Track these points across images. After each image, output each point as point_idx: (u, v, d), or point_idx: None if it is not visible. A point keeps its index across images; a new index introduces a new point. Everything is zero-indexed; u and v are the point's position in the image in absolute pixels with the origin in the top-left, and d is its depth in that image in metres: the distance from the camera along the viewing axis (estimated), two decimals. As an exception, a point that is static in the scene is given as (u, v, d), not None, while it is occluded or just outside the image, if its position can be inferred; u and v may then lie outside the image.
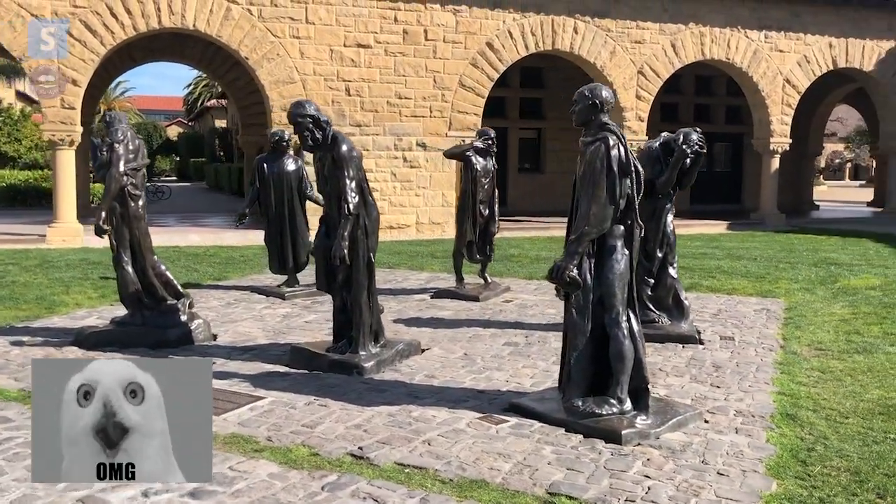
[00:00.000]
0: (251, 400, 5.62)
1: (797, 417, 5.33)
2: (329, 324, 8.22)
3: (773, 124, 21.01)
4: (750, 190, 26.83)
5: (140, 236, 7.23)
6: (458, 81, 17.95)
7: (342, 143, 6.25)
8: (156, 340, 7.17)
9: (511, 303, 9.54)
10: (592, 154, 5.04)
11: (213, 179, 40.11)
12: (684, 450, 4.72)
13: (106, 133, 7.22)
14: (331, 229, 6.57)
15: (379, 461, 4.51)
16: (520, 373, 6.43)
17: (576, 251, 5.02)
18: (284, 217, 9.91)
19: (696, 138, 7.33)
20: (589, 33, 18.87)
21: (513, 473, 4.35)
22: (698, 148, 7.29)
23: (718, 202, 26.41)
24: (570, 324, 5.18)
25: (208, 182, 43.17)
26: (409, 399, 5.66)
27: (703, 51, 20.02)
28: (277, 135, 9.86)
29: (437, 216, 18.00)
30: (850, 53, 21.57)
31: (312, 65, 16.85)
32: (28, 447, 4.61)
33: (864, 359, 6.86)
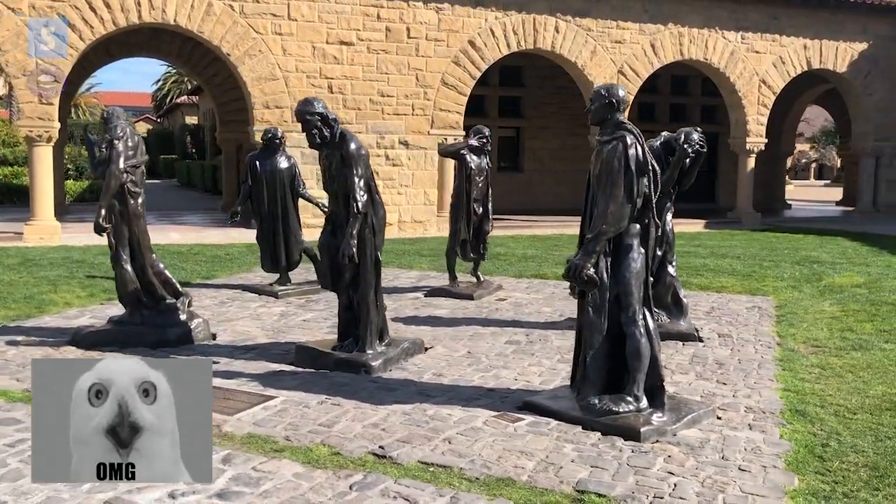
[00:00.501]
0: (263, 399, 5.57)
1: (806, 413, 5.41)
2: (326, 322, 8.23)
3: (750, 124, 21.27)
4: (725, 189, 27.16)
5: (139, 234, 7.13)
6: (440, 79, 17.94)
7: (350, 140, 6.22)
8: (155, 340, 7.08)
9: (505, 301, 9.56)
10: (610, 153, 5.07)
11: (185, 176, 39.61)
12: (703, 446, 4.77)
13: (104, 130, 7.11)
14: (337, 227, 6.54)
15: (402, 460, 4.50)
16: (527, 371, 6.45)
17: (593, 250, 5.05)
18: (277, 215, 9.82)
19: (698, 138, 7.40)
20: (570, 32, 18.96)
21: (538, 471, 4.37)
22: (699, 147, 7.37)
23: (694, 201, 26.60)
24: (585, 322, 5.20)
25: (180, 179, 42.64)
26: (422, 398, 5.65)
27: (682, 51, 20.21)
28: (271, 132, 9.77)
29: (420, 214, 17.98)
30: (824, 55, 21.90)
31: (295, 62, 16.73)
32: (43, 449, 4.54)
33: (861, 355, 6.98)
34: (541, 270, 11.86)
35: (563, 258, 12.92)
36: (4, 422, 5.04)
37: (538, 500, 4.02)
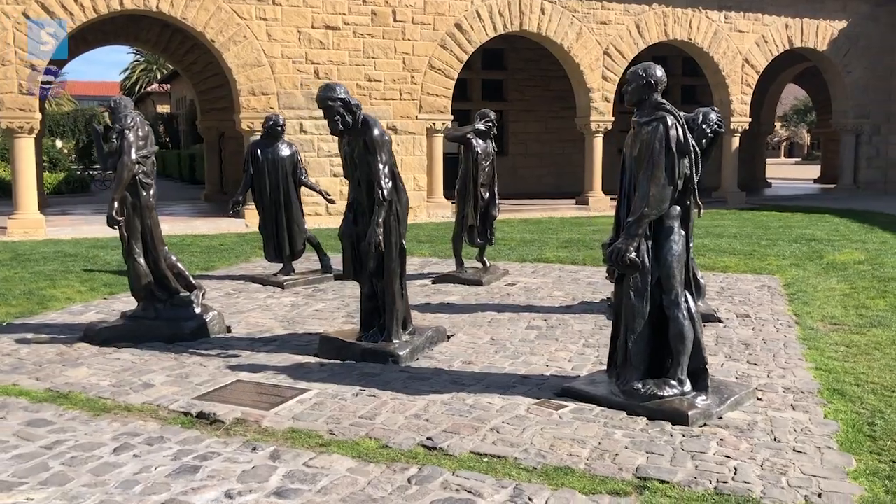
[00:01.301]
0: (296, 393, 5.45)
1: (845, 392, 5.40)
2: (340, 311, 8.12)
3: (734, 104, 21.35)
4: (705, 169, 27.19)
5: (152, 227, 6.94)
6: (427, 63, 17.76)
7: (374, 126, 6.08)
8: (171, 334, 6.92)
9: (515, 286, 9.49)
10: (650, 134, 4.99)
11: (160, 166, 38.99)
12: (752, 429, 4.74)
13: (112, 119, 6.90)
14: (358, 215, 6.41)
15: (454, 451, 4.42)
16: (556, 357, 6.38)
17: (635, 233, 4.98)
18: (280, 204, 9.66)
19: (716, 118, 7.34)
20: (556, 14, 18.85)
21: (594, 459, 4.31)
22: (717, 127, 7.31)
23: (676, 181, 26.76)
24: (627, 307, 5.13)
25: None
26: (456, 387, 5.57)
27: (667, 31, 20.20)
28: (272, 119, 9.58)
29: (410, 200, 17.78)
30: (805, 33, 22.02)
31: (280, 47, 16.46)
32: (83, 450, 4.41)
33: (882, 332, 7.01)
34: (543, 254, 11.80)
35: (563, 241, 12.91)
36: (35, 423, 4.88)
37: (602, 488, 3.96)
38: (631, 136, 5.25)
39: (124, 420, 4.96)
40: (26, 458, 4.32)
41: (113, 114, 6.92)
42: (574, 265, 11.00)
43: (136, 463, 4.27)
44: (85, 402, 5.31)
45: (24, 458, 4.33)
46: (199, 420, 4.98)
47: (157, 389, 5.56)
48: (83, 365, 6.19)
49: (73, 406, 5.22)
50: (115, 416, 5.04)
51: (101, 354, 6.50)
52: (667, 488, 3.96)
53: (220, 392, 5.49)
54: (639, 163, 5.09)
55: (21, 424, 4.86)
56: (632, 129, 5.26)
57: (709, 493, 3.89)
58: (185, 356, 6.43)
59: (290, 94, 16.58)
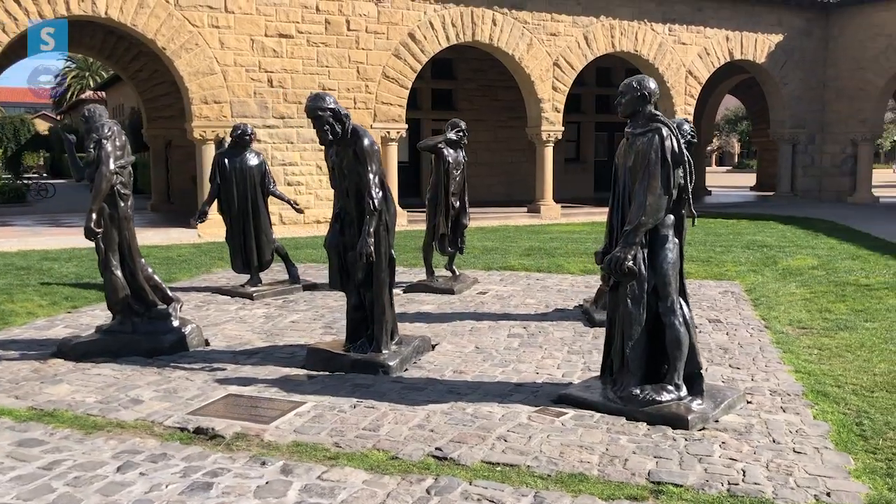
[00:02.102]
0: (292, 405, 5.39)
1: (828, 394, 5.59)
2: (317, 323, 8.06)
3: (678, 114, 21.86)
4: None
5: (129, 238, 6.78)
6: (381, 73, 17.76)
7: (364, 136, 6.07)
8: (150, 348, 6.76)
9: (486, 294, 9.55)
10: (646, 145, 5.10)
11: (97, 176, 37.97)
12: (749, 431, 4.87)
13: (87, 128, 6.73)
14: (345, 226, 6.38)
15: (464, 461, 4.43)
16: (544, 364, 6.45)
17: (633, 241, 5.08)
18: (248, 214, 9.53)
19: (689, 129, 7.50)
20: (507, 25, 19.06)
21: (605, 465, 4.37)
22: (690, 138, 7.48)
23: (620, 190, 27.29)
24: (625, 314, 5.23)
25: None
26: (453, 396, 5.58)
27: (614, 43, 20.61)
28: (240, 128, 9.45)
29: (364, 209, 17.74)
30: (745, 46, 22.73)
31: (233, 55, 16.25)
32: (85, 469, 4.29)
33: (849, 335, 7.27)
34: (508, 262, 11.90)
35: (524, 249, 13.04)
36: (26, 443, 4.71)
37: (620, 493, 4.03)
38: (624, 147, 5.36)
39: (120, 437, 4.83)
40: (27, 480, 4.18)
41: (87, 123, 6.75)
42: (540, 272, 11.12)
43: (145, 481, 4.16)
44: (73, 419, 5.16)
45: (24, 480, 4.18)
46: (196, 436, 4.88)
47: (147, 405, 5.43)
48: (63, 381, 6.00)
49: (61, 424, 5.06)
50: (108, 433, 4.91)
51: (80, 370, 6.32)
52: (681, 492, 4.04)
53: (214, 406, 5.39)
54: (634, 173, 5.20)
55: (12, 445, 4.69)
56: (625, 139, 5.37)
57: (723, 496, 3.99)
58: (169, 370, 6.29)
59: (243, 102, 16.38)
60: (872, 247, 13.11)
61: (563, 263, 11.65)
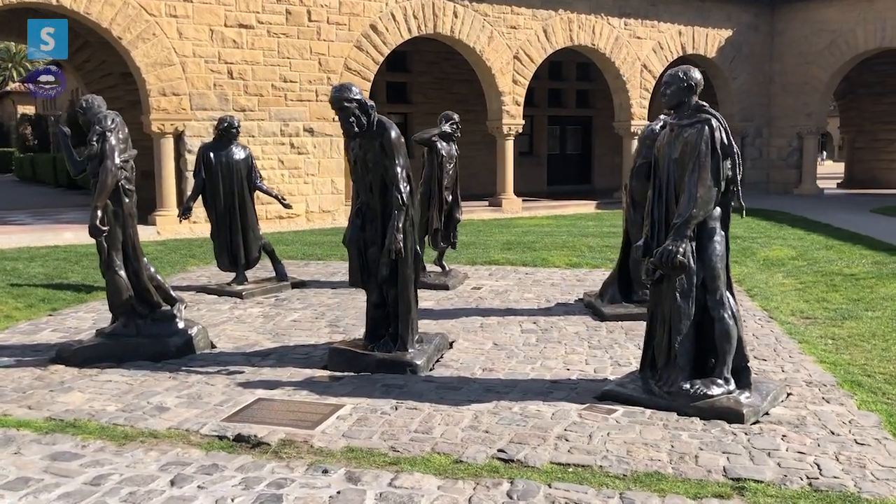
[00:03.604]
0: (330, 409, 5.17)
1: (861, 384, 5.64)
2: (319, 321, 7.85)
3: (633, 108, 22.11)
4: (599, 170, 28.16)
5: (133, 237, 6.42)
6: (343, 65, 17.42)
7: (391, 128, 5.85)
8: (156, 352, 6.42)
9: (482, 290, 9.41)
10: (696, 136, 5.03)
11: (29, 171, 36.50)
12: (804, 423, 4.86)
13: (85, 120, 6.34)
14: (367, 221, 6.16)
15: (533, 462, 4.30)
16: (571, 360, 6.35)
17: (685, 234, 5.01)
18: (235, 209, 9.19)
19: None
20: (468, 17, 18.92)
21: (677, 462, 4.29)
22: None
23: (571, 183, 27.53)
24: (674, 308, 5.15)
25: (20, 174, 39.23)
26: (493, 395, 5.44)
27: (572, 37, 20.67)
28: (227, 121, 9.08)
29: (328, 204, 17.43)
30: (696, 41, 23.09)
31: (192, 46, 15.69)
32: (135, 484, 4.00)
33: (856, 325, 7.38)
34: (491, 256, 11.79)
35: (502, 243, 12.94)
36: (60, 457, 4.39)
37: (705, 492, 3.95)
38: (668, 138, 5.27)
39: (158, 448, 4.54)
40: (76, 497, 3.88)
41: (85, 114, 6.37)
42: (525, 266, 11.04)
43: (207, 496, 3.91)
44: (99, 430, 4.83)
45: (73, 497, 3.88)
46: (238, 444, 4.63)
47: (175, 413, 5.13)
48: (74, 389, 5.64)
49: (89, 435, 4.73)
50: (143, 444, 4.61)
51: (87, 377, 5.95)
52: (763, 488, 3.98)
53: (247, 412, 5.13)
54: (681, 164, 5.12)
55: (45, 459, 4.36)
56: (668, 130, 5.29)
57: (806, 491, 3.95)
58: (183, 375, 5.97)
59: (202, 94, 15.84)
60: (839, 237, 13.43)
61: (548, 257, 11.60)
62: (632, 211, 7.91)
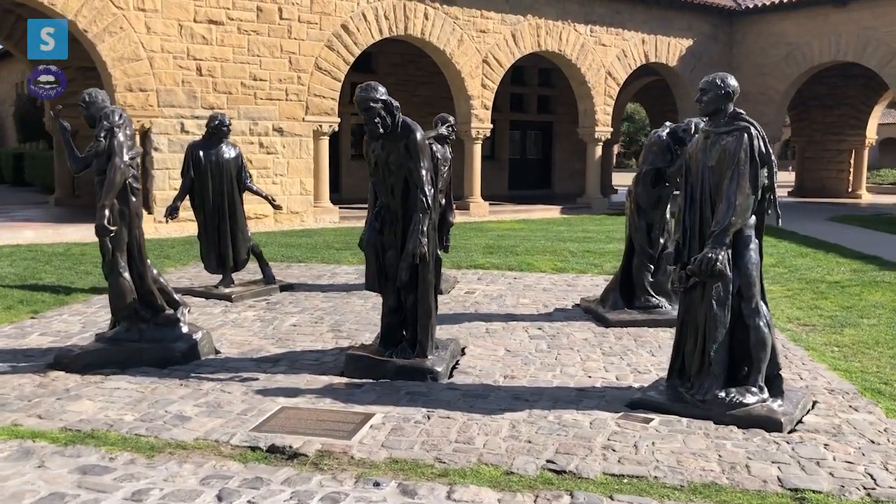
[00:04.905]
0: (361, 418, 5.00)
1: (882, 391, 5.70)
2: (320, 325, 7.70)
3: (598, 114, 22.29)
4: (559, 176, 28.35)
5: (139, 237, 6.14)
6: (314, 64, 17.16)
7: (416, 130, 5.71)
8: (160, 357, 6.16)
9: (475, 294, 9.31)
10: (734, 144, 5.02)
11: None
12: (841, 432, 4.87)
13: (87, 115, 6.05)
14: (385, 225, 6.01)
15: (586, 474, 4.21)
16: (590, 368, 6.29)
17: (724, 242, 4.98)
18: (224, 210, 8.92)
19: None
20: (438, 20, 18.82)
21: (730, 473, 4.25)
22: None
23: (532, 187, 27.67)
24: (710, 316, 5.12)
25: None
26: (522, 403, 5.34)
27: (540, 42, 20.73)
28: (217, 119, 8.80)
29: (296, 205, 17.12)
30: (659, 49, 23.40)
31: (160, 41, 15.26)
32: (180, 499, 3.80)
33: (856, 332, 7.49)
34: (475, 261, 11.70)
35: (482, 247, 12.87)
36: (90, 470, 4.14)
37: (765, 503, 3.91)
38: (702, 145, 5.25)
39: (192, 460, 4.32)
40: (121, 515, 3.65)
41: (88, 109, 6.08)
42: (512, 271, 10.98)
43: (261, 511, 3.72)
44: (122, 441, 4.59)
45: (118, 515, 3.65)
46: (272, 455, 4.44)
47: (198, 422, 4.90)
48: (82, 397, 5.36)
49: (113, 447, 4.49)
50: (174, 456, 4.38)
51: (92, 384, 5.67)
52: (824, 499, 3.96)
53: (275, 422, 4.93)
54: (717, 172, 5.10)
55: (73, 473, 4.10)
56: (704, 137, 5.26)
57: (866, 502, 3.94)
58: (195, 382, 5.73)
59: (170, 90, 15.42)
60: (810, 245, 13.71)
61: (533, 262, 11.55)
62: (636, 217, 7.92)
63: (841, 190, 28.87)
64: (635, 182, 7.96)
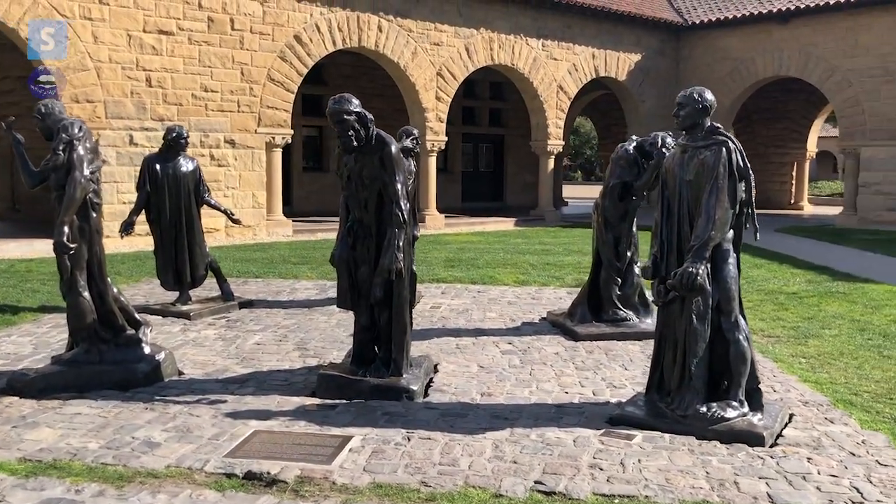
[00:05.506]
0: (339, 440, 4.84)
1: (854, 403, 5.74)
2: (284, 343, 7.51)
3: (550, 128, 22.43)
4: (511, 188, 28.46)
5: (100, 254, 5.88)
6: (266, 75, 16.90)
7: (391, 143, 5.60)
8: (122, 379, 5.90)
9: (441, 308, 9.20)
10: (713, 159, 5.01)
11: None
12: (821, 445, 4.88)
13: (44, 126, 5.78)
14: (358, 240, 5.87)
15: (576, 494, 4.12)
16: (565, 383, 6.21)
17: (704, 256, 4.97)
18: (181, 225, 8.66)
19: (672, 142, 7.59)
20: (392, 32, 18.74)
21: (720, 490, 4.20)
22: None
23: (485, 200, 27.72)
24: (690, 331, 5.10)
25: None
26: (502, 422, 5.24)
27: (493, 56, 20.79)
28: (175, 131, 8.54)
29: (248, 219, 16.79)
30: (609, 64, 23.68)
31: (108, 51, 14.84)
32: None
33: (820, 343, 7.58)
34: (436, 274, 11.57)
35: (443, 260, 12.77)
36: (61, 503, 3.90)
37: (761, 520, 3.87)
38: (679, 159, 5.25)
39: (165, 489, 4.11)
40: (95, 552, 3.43)
41: (44, 120, 5.82)
42: (475, 284, 10.89)
43: (244, 543, 3.54)
44: (87, 471, 4.35)
45: (92, 553, 3.43)
46: (250, 482, 4.26)
47: (169, 448, 4.68)
48: (40, 424, 5.08)
49: (78, 478, 4.25)
50: (145, 485, 4.17)
51: (50, 409, 5.39)
52: (815, 514, 3.94)
53: (249, 447, 4.73)
54: (696, 187, 5.10)
55: (39, 508, 3.87)
56: (681, 152, 5.26)
57: (856, 516, 3.93)
58: (161, 405, 5.50)
59: (118, 102, 15.01)
60: (764, 256, 13.92)
61: (495, 275, 11.49)
62: (604, 230, 7.91)
63: (784, 201, 29.56)
64: (602, 195, 7.96)
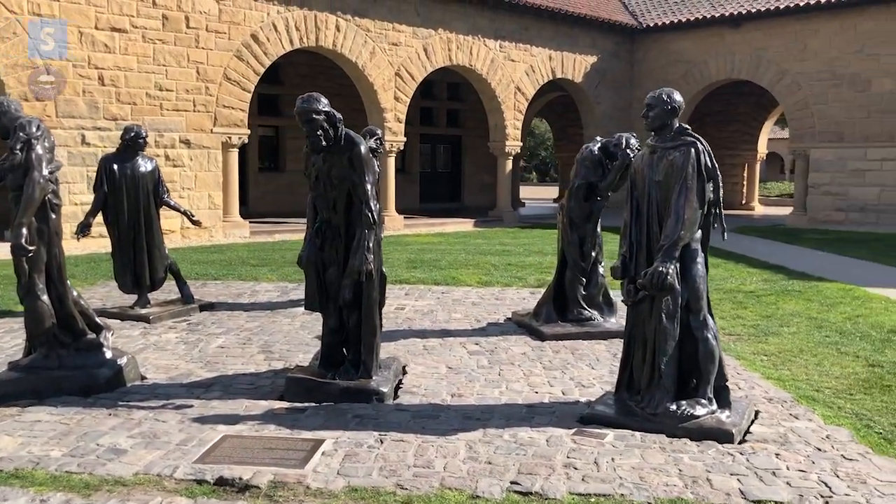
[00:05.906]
0: (311, 444, 4.78)
1: (816, 399, 5.86)
2: (248, 346, 7.41)
3: (508, 129, 22.53)
4: (469, 189, 28.54)
5: (60, 257, 5.72)
6: (222, 74, 16.68)
7: (360, 143, 5.54)
8: (83, 385, 5.74)
9: (405, 310, 9.16)
10: (682, 159, 5.07)
11: None
12: (788, 441, 4.96)
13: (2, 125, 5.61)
14: (327, 241, 5.80)
15: (553, 494, 4.13)
16: (534, 383, 6.23)
17: (673, 256, 5.03)
18: (140, 226, 8.48)
19: (636, 143, 7.67)
20: (350, 32, 18.64)
21: (693, 487, 4.24)
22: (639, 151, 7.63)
23: (443, 200, 27.74)
24: (660, 330, 5.15)
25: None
26: (474, 422, 5.23)
27: (451, 56, 20.81)
28: (133, 131, 8.36)
29: (205, 220, 16.50)
30: (565, 66, 23.88)
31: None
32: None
33: (780, 341, 7.72)
34: (399, 275, 11.52)
35: (404, 261, 12.72)
36: (22, 515, 3.77)
37: (735, 516, 3.92)
38: (648, 159, 5.30)
39: (136, 497, 4.01)
40: (65, 564, 3.33)
41: (0, 119, 5.63)
42: (439, 285, 10.87)
43: (220, 551, 3.46)
44: (52, 480, 4.23)
45: (62, 564, 3.33)
46: (222, 488, 4.18)
47: (135, 455, 4.58)
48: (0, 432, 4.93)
49: (42, 487, 4.12)
50: (113, 494, 4.06)
51: (8, 417, 5.23)
52: (787, 509, 4.00)
53: (219, 452, 4.65)
54: (665, 187, 5.15)
55: (3, 519, 3.75)
56: (650, 152, 5.30)
57: (827, 510, 4.00)
58: (125, 411, 5.37)
59: (70, 101, 14.66)
60: (720, 256, 14.16)
61: (457, 276, 11.48)
62: (569, 231, 7.96)
63: (735, 202, 30.12)
64: (567, 196, 8.01)
